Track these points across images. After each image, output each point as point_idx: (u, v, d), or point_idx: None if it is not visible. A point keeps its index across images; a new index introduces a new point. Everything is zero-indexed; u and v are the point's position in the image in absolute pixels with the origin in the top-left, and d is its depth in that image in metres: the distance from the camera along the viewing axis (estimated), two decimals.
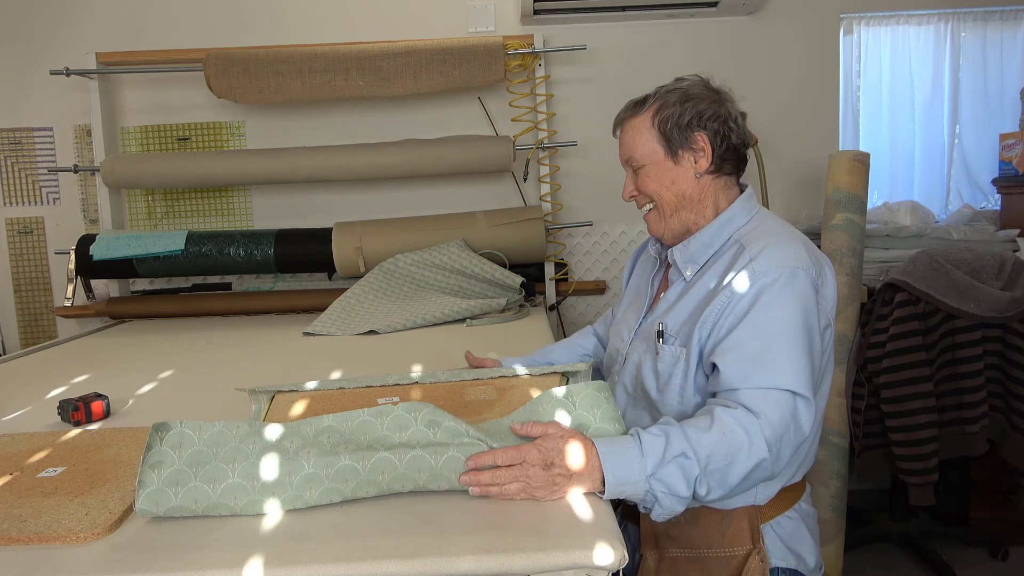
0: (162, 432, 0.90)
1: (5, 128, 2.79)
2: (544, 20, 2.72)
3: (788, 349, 1.04)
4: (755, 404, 1.01)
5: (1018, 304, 2.16)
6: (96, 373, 1.79)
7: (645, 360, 1.21)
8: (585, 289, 2.84)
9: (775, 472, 1.02)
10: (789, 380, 1.03)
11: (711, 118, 1.21)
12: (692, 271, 1.22)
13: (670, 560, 1.15)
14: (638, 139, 1.24)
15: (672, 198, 1.23)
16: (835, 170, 2.35)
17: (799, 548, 1.19)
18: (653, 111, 1.23)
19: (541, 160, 2.72)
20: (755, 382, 1.03)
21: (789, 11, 2.79)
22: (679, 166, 1.22)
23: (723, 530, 1.13)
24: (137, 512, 0.86)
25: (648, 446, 0.94)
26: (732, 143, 1.22)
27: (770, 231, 1.17)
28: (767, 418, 1.00)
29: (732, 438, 0.97)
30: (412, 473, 0.90)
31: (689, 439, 0.96)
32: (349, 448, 0.91)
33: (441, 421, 0.94)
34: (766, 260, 1.10)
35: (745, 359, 1.05)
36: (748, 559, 1.11)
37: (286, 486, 0.87)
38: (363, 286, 2.41)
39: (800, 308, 1.07)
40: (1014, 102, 2.83)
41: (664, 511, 0.95)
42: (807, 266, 1.10)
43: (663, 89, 1.25)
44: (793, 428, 1.02)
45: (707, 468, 0.95)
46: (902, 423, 2.15)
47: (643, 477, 0.92)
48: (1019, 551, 2.49)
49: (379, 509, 0.88)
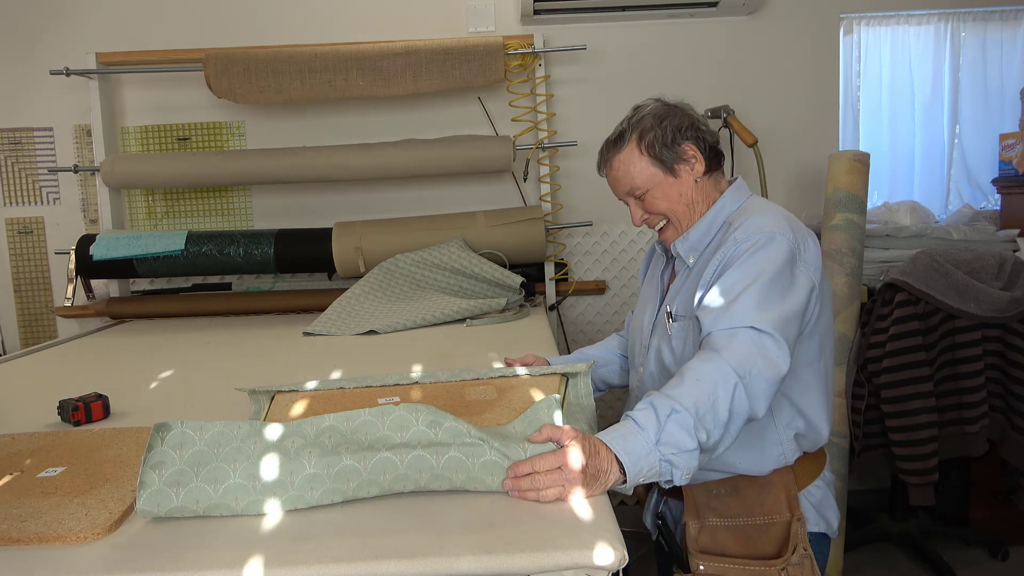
0: (163, 432, 0.90)
1: (5, 128, 2.79)
2: (544, 20, 2.72)
3: (756, 293, 1.11)
4: (720, 343, 1.08)
5: (1018, 304, 2.16)
6: (96, 373, 1.79)
7: (663, 344, 1.30)
8: (585, 289, 2.84)
9: (757, 409, 1.06)
10: (751, 318, 1.09)
11: (687, 128, 1.30)
12: (694, 258, 1.31)
13: (710, 528, 1.23)
14: (633, 169, 1.31)
15: (684, 209, 1.32)
16: (835, 170, 2.35)
17: (827, 513, 1.32)
18: (636, 140, 1.30)
19: (541, 160, 2.72)
20: (722, 324, 1.11)
21: (789, 11, 2.79)
22: (680, 179, 1.31)
23: (763, 500, 1.22)
24: (138, 513, 0.86)
25: (642, 420, 0.99)
26: (710, 143, 1.33)
27: (755, 208, 1.27)
28: (729, 351, 1.06)
29: (704, 378, 1.04)
30: (413, 473, 0.90)
31: (671, 396, 1.01)
32: (350, 448, 0.91)
33: (442, 422, 0.94)
34: (747, 228, 1.20)
35: (716, 307, 1.13)
36: (790, 526, 1.20)
37: (287, 486, 0.87)
38: (363, 286, 2.41)
39: (774, 262, 1.14)
40: (1014, 102, 2.83)
41: (682, 471, 0.98)
42: (785, 231, 1.18)
43: (632, 119, 1.33)
44: (763, 362, 1.06)
45: (697, 414, 1.00)
46: (902, 423, 2.16)
47: (651, 447, 0.96)
48: (1019, 551, 2.49)
49: (379, 509, 0.88)
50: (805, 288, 1.17)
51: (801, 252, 1.19)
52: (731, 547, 1.21)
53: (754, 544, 1.21)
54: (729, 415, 1.03)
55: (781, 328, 1.10)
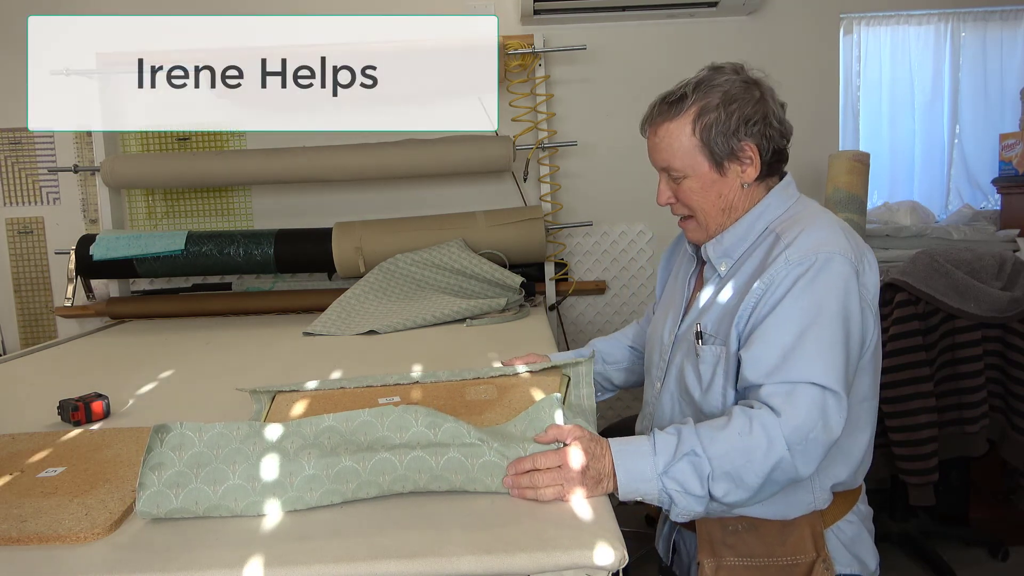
0: (162, 434, 0.90)
1: (5, 128, 2.78)
2: (544, 20, 2.72)
3: (819, 340, 0.97)
4: (777, 401, 0.95)
5: (1018, 304, 2.16)
6: (96, 373, 1.79)
7: (687, 364, 1.15)
8: (585, 289, 2.84)
9: (803, 474, 0.95)
10: (817, 374, 0.95)
11: (756, 122, 1.09)
12: (727, 266, 1.14)
13: (728, 568, 1.10)
14: (677, 148, 1.12)
15: (717, 212, 1.14)
16: (835, 170, 2.35)
17: (860, 552, 1.16)
18: (693, 116, 1.10)
19: (541, 160, 2.72)
20: (780, 376, 0.96)
21: (789, 11, 2.79)
22: (725, 178, 1.12)
23: (784, 538, 1.09)
24: (138, 514, 0.86)
25: (660, 444, 0.93)
26: (777, 145, 1.12)
27: (806, 217, 1.09)
28: (789, 416, 0.94)
29: (748, 438, 0.92)
30: (412, 474, 0.90)
31: (701, 437, 0.93)
32: (350, 449, 0.91)
33: (441, 423, 0.94)
34: (800, 246, 1.02)
35: (771, 352, 0.98)
36: (813, 567, 1.07)
37: (287, 487, 0.87)
38: (363, 286, 2.41)
39: (836, 295, 0.99)
40: (1014, 102, 2.83)
41: (681, 511, 0.93)
42: (845, 250, 1.02)
43: (700, 86, 1.11)
44: (822, 426, 0.94)
45: (720, 467, 0.91)
46: (902, 423, 2.15)
47: (655, 475, 0.91)
48: (1019, 551, 2.49)
49: (379, 509, 0.88)
50: (867, 322, 1.04)
51: (861, 275, 1.03)
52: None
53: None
54: (763, 482, 0.93)
55: (843, 382, 0.97)
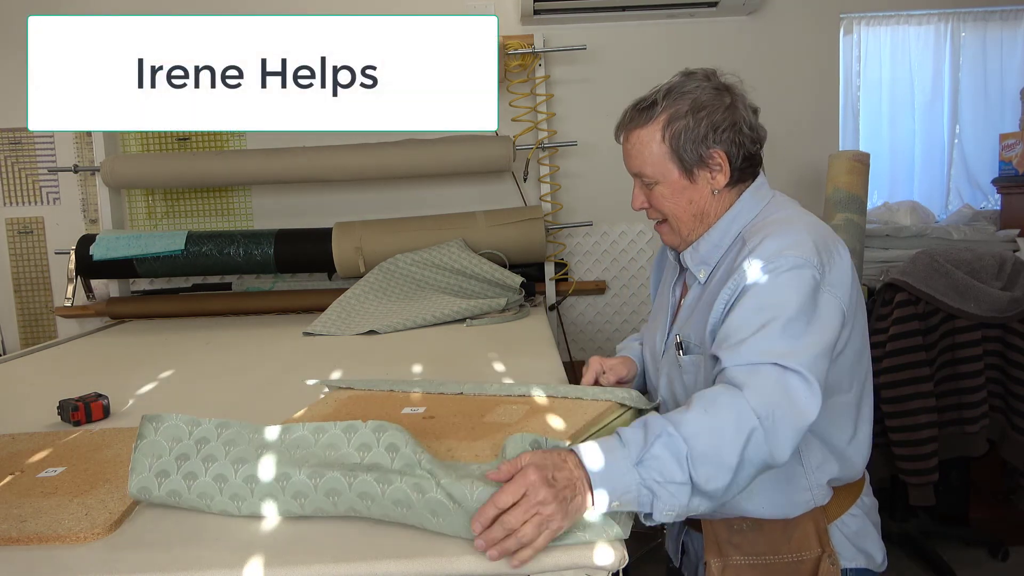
0: (155, 423, 0.91)
1: (5, 128, 2.78)
2: (544, 20, 2.72)
3: (783, 327, 0.96)
4: (740, 378, 0.93)
5: (1018, 304, 2.16)
6: (96, 373, 1.79)
7: (674, 375, 1.16)
8: (585, 289, 2.84)
9: (778, 457, 0.91)
10: (779, 354, 0.93)
11: (726, 128, 1.10)
12: (705, 273, 1.15)
13: (734, 567, 1.09)
14: (647, 155, 1.13)
15: (689, 218, 1.15)
16: (835, 170, 2.35)
17: (866, 546, 1.15)
18: (662, 123, 1.11)
19: (541, 160, 2.72)
20: (742, 359, 0.95)
21: (789, 11, 2.79)
22: (695, 184, 1.14)
23: (789, 535, 1.08)
24: (130, 495, 0.88)
25: (627, 436, 0.86)
26: (748, 151, 1.13)
27: (773, 222, 1.10)
28: (752, 389, 0.91)
29: (714, 414, 0.89)
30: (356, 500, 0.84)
31: (669, 419, 0.88)
32: (309, 463, 0.87)
33: (400, 447, 0.86)
34: (761, 253, 1.03)
35: (734, 338, 0.98)
36: (819, 563, 1.06)
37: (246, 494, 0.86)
38: (363, 286, 2.41)
39: (799, 291, 0.99)
40: (1014, 102, 2.83)
41: (665, 505, 0.84)
42: (807, 254, 1.01)
43: (671, 93, 1.13)
44: (787, 404, 0.91)
45: (695, 447, 0.85)
46: (902, 423, 2.15)
47: (630, 466, 0.83)
48: (1019, 551, 2.48)
49: None
50: (836, 316, 1.02)
51: (826, 276, 1.02)
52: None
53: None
54: (740, 461, 0.87)
55: (811, 365, 0.94)
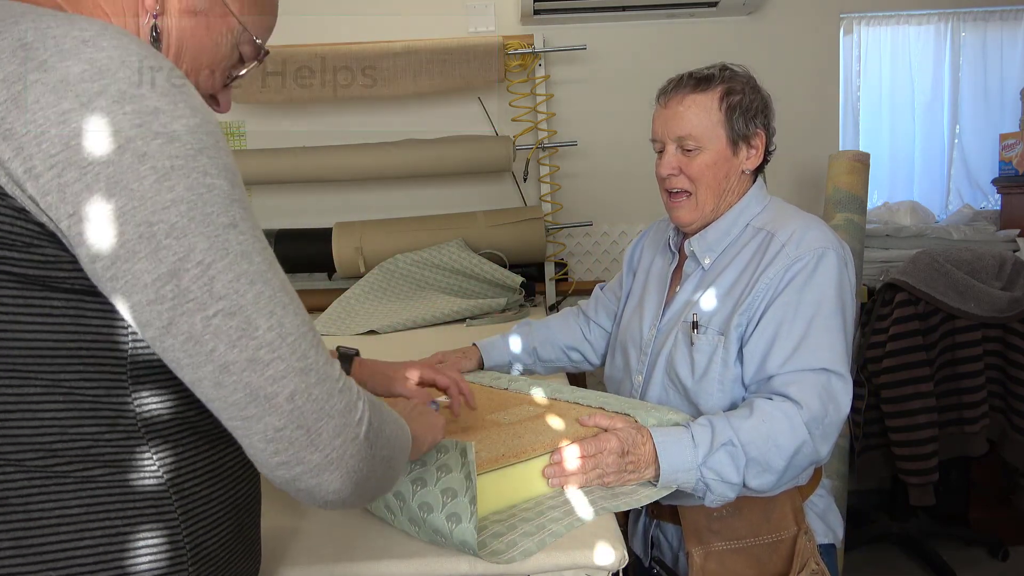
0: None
1: None
2: (544, 20, 2.72)
3: (823, 329, 1.06)
4: (791, 390, 1.04)
5: (1018, 304, 2.16)
6: None
7: (677, 351, 1.19)
8: (585, 289, 2.83)
9: (824, 456, 1.06)
10: (824, 359, 1.05)
11: (768, 115, 1.22)
12: (711, 259, 1.22)
13: (716, 554, 1.15)
14: (703, 119, 1.17)
15: (718, 190, 1.20)
16: (835, 170, 2.35)
17: (831, 521, 1.26)
18: (721, 93, 1.18)
19: (541, 160, 2.72)
20: (790, 366, 1.06)
21: (789, 11, 2.79)
22: (735, 158, 1.20)
23: (768, 516, 1.15)
24: None
25: (699, 436, 0.99)
26: (770, 145, 1.24)
27: (793, 216, 1.19)
28: (805, 404, 1.03)
29: (772, 423, 1.01)
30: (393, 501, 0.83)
31: (733, 427, 1.00)
32: None
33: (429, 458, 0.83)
34: (798, 244, 1.11)
35: (784, 344, 1.07)
36: (796, 540, 1.13)
37: None
38: (363, 286, 2.41)
39: (833, 286, 1.09)
40: (1014, 102, 2.83)
41: (716, 497, 1.00)
42: (834, 244, 1.12)
43: (725, 71, 1.20)
44: (833, 408, 1.05)
45: (751, 454, 0.99)
46: (902, 423, 2.15)
47: (695, 466, 0.97)
48: (1019, 551, 2.49)
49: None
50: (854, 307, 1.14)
51: (848, 265, 1.14)
52: (743, 572, 1.13)
53: (765, 565, 1.14)
54: (786, 466, 1.02)
55: (846, 363, 1.07)
